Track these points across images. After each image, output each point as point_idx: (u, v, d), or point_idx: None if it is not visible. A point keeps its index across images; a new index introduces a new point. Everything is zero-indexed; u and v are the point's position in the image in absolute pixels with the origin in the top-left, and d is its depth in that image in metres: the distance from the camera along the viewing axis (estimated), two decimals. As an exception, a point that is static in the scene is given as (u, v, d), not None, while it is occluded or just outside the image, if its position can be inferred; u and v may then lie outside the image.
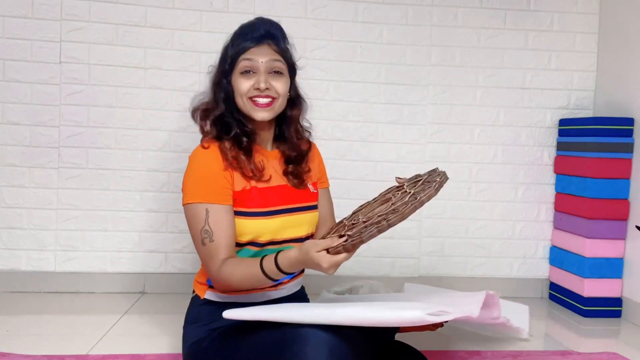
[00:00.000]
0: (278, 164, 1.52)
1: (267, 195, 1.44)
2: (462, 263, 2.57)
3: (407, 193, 1.28)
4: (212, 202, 1.38)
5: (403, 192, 1.32)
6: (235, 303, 1.41)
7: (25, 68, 2.31)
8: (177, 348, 1.76)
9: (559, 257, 2.49)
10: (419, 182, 1.33)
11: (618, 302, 2.31)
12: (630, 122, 2.28)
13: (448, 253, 2.56)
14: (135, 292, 2.41)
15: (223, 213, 1.38)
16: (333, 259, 1.21)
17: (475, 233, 2.56)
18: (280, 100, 1.47)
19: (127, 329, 1.97)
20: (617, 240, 2.30)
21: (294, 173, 1.51)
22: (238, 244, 1.43)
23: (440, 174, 1.31)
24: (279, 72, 1.46)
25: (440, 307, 1.19)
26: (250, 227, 1.41)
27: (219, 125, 1.46)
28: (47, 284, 2.36)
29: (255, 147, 1.49)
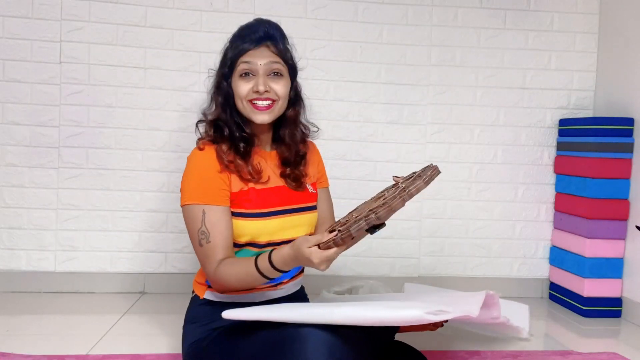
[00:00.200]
0: (276, 165, 1.52)
1: (265, 196, 1.44)
2: (462, 263, 2.57)
3: (399, 188, 1.28)
4: (208, 203, 1.38)
5: (396, 187, 1.32)
6: (235, 303, 1.42)
7: (25, 68, 2.31)
8: (177, 348, 1.76)
9: (559, 257, 2.49)
10: (412, 176, 1.33)
11: (618, 302, 2.31)
12: (630, 122, 2.28)
13: (448, 253, 2.56)
14: (135, 292, 2.41)
15: (220, 214, 1.38)
16: (324, 254, 1.20)
17: (475, 233, 2.56)
18: (281, 103, 1.46)
19: (127, 329, 1.97)
20: (617, 240, 2.30)
21: (292, 176, 1.51)
22: (237, 245, 1.43)
23: (432, 168, 1.31)
24: (279, 73, 1.45)
25: (440, 306, 1.19)
26: (248, 228, 1.41)
27: (215, 129, 1.46)
28: (47, 284, 2.36)
29: (254, 148, 1.48)
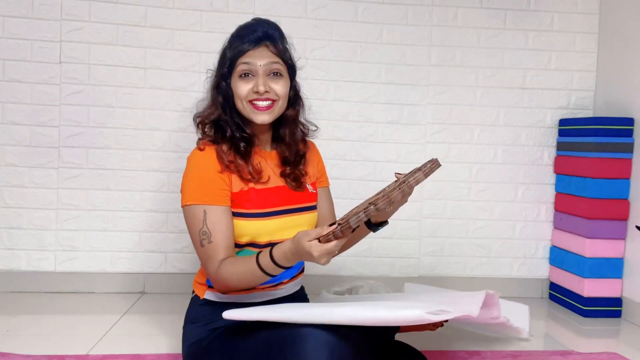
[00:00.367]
0: (276, 165, 1.52)
1: (265, 196, 1.44)
2: (462, 263, 2.57)
3: (398, 181, 1.29)
4: (209, 203, 1.38)
5: (396, 181, 1.33)
6: (235, 303, 1.42)
7: (25, 68, 2.31)
8: (177, 348, 1.76)
9: (559, 257, 2.49)
10: (413, 170, 1.34)
11: (618, 302, 2.31)
12: (630, 122, 2.28)
13: (448, 253, 2.56)
14: (135, 292, 2.41)
15: (221, 214, 1.38)
16: (324, 247, 1.21)
17: (475, 233, 2.56)
18: (281, 103, 1.46)
19: (127, 329, 1.97)
20: (617, 240, 2.30)
21: (291, 175, 1.51)
22: (238, 245, 1.43)
23: (432, 161, 1.31)
24: (278, 73, 1.45)
25: (440, 306, 1.19)
26: (249, 228, 1.41)
27: (216, 129, 1.46)
28: (47, 284, 2.36)
29: (254, 149, 1.48)
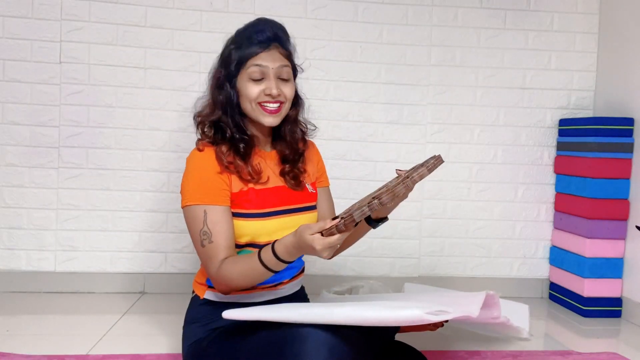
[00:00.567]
0: (275, 165, 1.52)
1: (264, 197, 1.44)
2: (462, 263, 2.57)
3: (401, 177, 1.28)
4: (209, 203, 1.38)
5: (398, 177, 1.32)
6: (235, 303, 1.42)
7: (25, 68, 2.31)
8: (177, 348, 1.76)
9: (559, 257, 2.49)
10: (416, 166, 1.34)
11: (618, 302, 2.31)
12: (630, 122, 2.28)
13: (448, 253, 2.56)
14: (135, 292, 2.41)
15: (221, 214, 1.38)
16: (326, 241, 1.20)
17: (475, 233, 2.56)
18: (287, 105, 1.47)
19: (127, 329, 1.97)
20: (617, 240, 2.30)
21: (291, 174, 1.51)
22: (238, 246, 1.43)
23: (436, 157, 1.31)
24: (287, 76, 1.46)
25: (440, 306, 1.19)
26: (248, 228, 1.41)
27: (215, 130, 1.46)
28: (47, 284, 2.36)
29: (254, 149, 1.48)
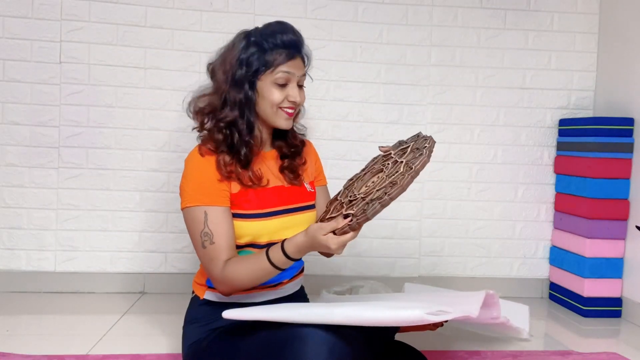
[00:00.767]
0: (274, 164, 1.52)
1: (264, 197, 1.44)
2: (462, 263, 2.57)
3: (400, 163, 1.26)
4: (210, 204, 1.37)
5: (394, 161, 1.30)
6: (235, 303, 1.42)
7: (25, 68, 2.31)
8: (177, 348, 1.76)
9: (559, 257, 2.49)
10: (407, 148, 1.31)
11: (618, 302, 2.31)
12: (630, 122, 2.28)
13: (448, 253, 2.56)
14: (135, 292, 2.41)
15: (222, 214, 1.38)
16: (340, 240, 1.25)
17: (475, 233, 2.56)
18: (299, 108, 1.52)
19: (127, 329, 1.97)
20: (617, 240, 2.30)
21: (290, 168, 1.53)
22: (237, 246, 1.43)
23: (427, 139, 1.29)
24: (303, 83, 1.50)
25: (440, 306, 1.19)
26: (249, 228, 1.41)
27: (227, 132, 1.42)
28: (47, 284, 2.36)
29: (254, 151, 1.48)
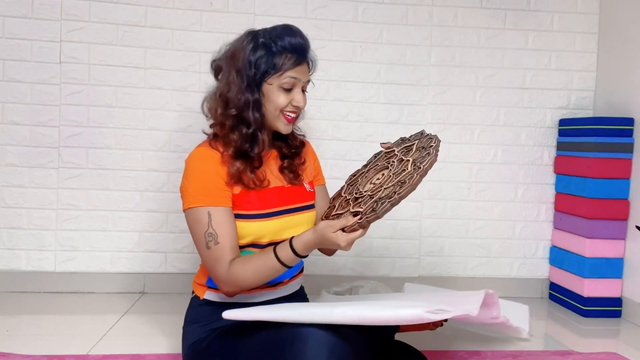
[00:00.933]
0: (274, 164, 1.53)
1: (265, 197, 1.44)
2: (462, 263, 2.56)
3: (407, 161, 1.27)
4: (213, 204, 1.37)
5: (399, 159, 1.30)
6: (235, 303, 1.42)
7: (25, 68, 2.31)
8: (177, 348, 1.76)
9: (559, 257, 2.49)
10: (412, 147, 1.31)
11: (618, 302, 2.31)
12: (630, 122, 2.28)
13: (448, 253, 2.56)
14: (135, 292, 2.41)
15: (225, 215, 1.38)
16: (350, 237, 1.27)
17: (475, 233, 2.56)
18: (300, 112, 1.51)
19: (127, 329, 1.97)
20: (617, 240, 2.30)
21: (290, 168, 1.53)
22: (239, 247, 1.43)
23: (432, 138, 1.30)
24: (306, 88, 1.49)
25: (440, 305, 1.19)
26: (251, 229, 1.41)
27: (243, 132, 1.41)
28: (47, 284, 2.36)
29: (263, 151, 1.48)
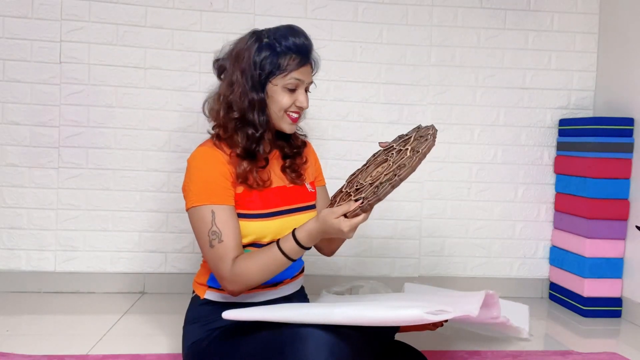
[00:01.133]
0: (276, 164, 1.53)
1: (267, 197, 1.44)
2: (462, 263, 2.57)
3: (405, 150, 1.29)
4: (216, 203, 1.37)
5: (398, 150, 1.32)
6: (235, 303, 1.42)
7: (25, 68, 2.31)
8: (177, 348, 1.76)
9: (559, 257, 2.49)
10: (409, 139, 1.34)
11: (618, 302, 2.31)
12: (630, 122, 2.28)
13: (448, 253, 2.56)
14: (135, 292, 2.41)
15: (229, 213, 1.38)
16: (352, 222, 1.27)
17: (475, 233, 2.56)
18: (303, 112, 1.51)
19: (127, 329, 1.97)
20: (617, 240, 2.30)
21: (292, 167, 1.53)
22: (240, 245, 1.43)
23: (429, 127, 1.33)
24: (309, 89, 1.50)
25: (440, 306, 1.19)
26: (252, 228, 1.41)
27: (248, 132, 1.42)
28: (47, 284, 2.36)
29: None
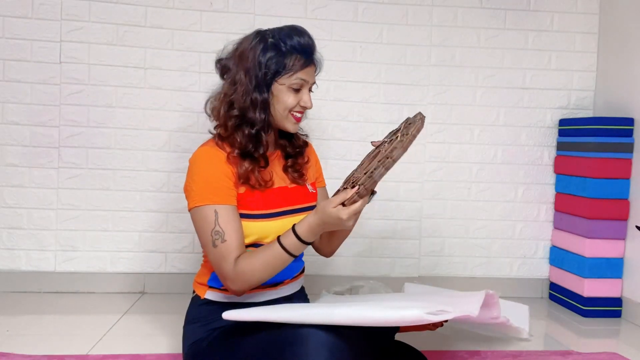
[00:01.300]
0: (278, 164, 1.53)
1: (269, 197, 1.45)
2: (462, 263, 2.57)
3: (396, 138, 1.31)
4: (219, 202, 1.37)
5: (389, 141, 1.33)
6: (236, 303, 1.42)
7: (25, 68, 2.31)
8: (177, 348, 1.76)
9: (559, 257, 2.49)
10: (398, 130, 1.36)
11: (618, 302, 2.31)
12: (630, 122, 2.28)
13: (448, 253, 2.56)
14: (135, 292, 2.41)
15: (231, 213, 1.38)
16: (351, 209, 1.28)
17: (475, 233, 2.56)
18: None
19: (127, 329, 1.97)
20: (617, 240, 2.30)
21: (294, 167, 1.53)
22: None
23: (416, 115, 1.35)
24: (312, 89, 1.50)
25: (440, 306, 1.19)
26: (254, 229, 1.41)
27: (250, 132, 1.42)
28: (47, 284, 2.36)
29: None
